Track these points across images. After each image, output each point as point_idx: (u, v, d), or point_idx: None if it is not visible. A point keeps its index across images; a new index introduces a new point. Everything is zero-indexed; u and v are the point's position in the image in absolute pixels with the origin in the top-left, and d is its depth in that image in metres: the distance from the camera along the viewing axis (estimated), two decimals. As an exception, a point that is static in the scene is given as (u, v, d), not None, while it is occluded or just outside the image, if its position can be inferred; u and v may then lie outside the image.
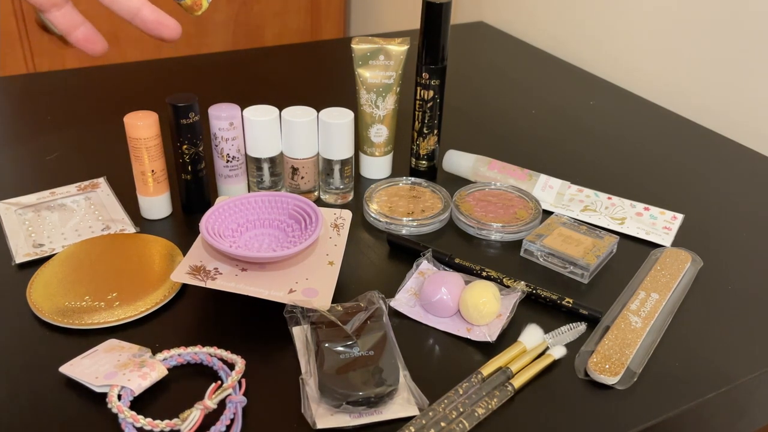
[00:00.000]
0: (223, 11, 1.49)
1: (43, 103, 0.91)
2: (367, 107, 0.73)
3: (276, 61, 1.11)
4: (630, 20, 1.02)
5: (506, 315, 0.54)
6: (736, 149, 0.86)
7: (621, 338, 0.53)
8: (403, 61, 0.71)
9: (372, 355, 0.49)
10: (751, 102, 0.88)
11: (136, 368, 0.47)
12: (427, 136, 0.73)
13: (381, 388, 0.46)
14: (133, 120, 0.62)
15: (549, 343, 0.52)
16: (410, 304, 0.56)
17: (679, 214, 0.70)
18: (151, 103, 0.69)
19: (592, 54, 1.10)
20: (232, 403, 0.45)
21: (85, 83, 0.99)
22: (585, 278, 0.60)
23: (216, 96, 0.72)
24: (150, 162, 0.64)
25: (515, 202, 0.70)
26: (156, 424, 0.44)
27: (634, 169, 0.80)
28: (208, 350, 0.50)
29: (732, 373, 0.51)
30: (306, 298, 0.52)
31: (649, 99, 0.98)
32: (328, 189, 0.71)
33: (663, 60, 0.98)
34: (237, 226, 0.60)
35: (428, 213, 0.67)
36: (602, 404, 0.48)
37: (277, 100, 0.70)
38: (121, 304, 0.54)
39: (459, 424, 0.45)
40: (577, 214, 0.70)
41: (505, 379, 0.49)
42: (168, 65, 1.10)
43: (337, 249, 0.59)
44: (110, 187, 0.71)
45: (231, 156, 0.67)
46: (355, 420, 0.46)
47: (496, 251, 0.65)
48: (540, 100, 0.98)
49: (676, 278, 0.60)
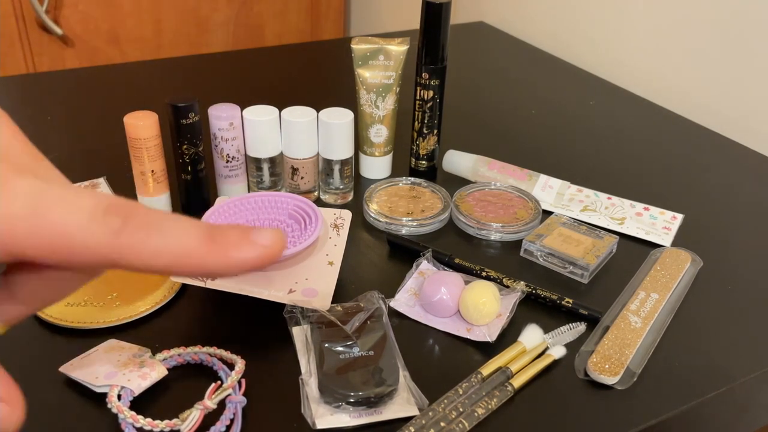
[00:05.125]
0: (223, 11, 1.49)
1: (43, 103, 0.91)
2: (366, 107, 0.73)
3: (276, 61, 1.11)
4: (630, 20, 1.02)
5: (506, 315, 0.54)
6: (736, 149, 0.86)
7: (621, 338, 0.53)
8: (402, 61, 0.71)
9: (372, 355, 0.49)
10: (751, 102, 0.88)
11: (136, 368, 0.47)
12: (427, 136, 0.73)
13: (381, 388, 0.46)
14: (133, 120, 0.62)
15: (549, 343, 0.52)
16: (410, 304, 0.56)
17: (679, 214, 0.70)
18: (151, 103, 0.69)
19: (592, 54, 1.10)
20: (231, 403, 0.45)
21: (85, 83, 0.99)
22: (585, 278, 0.60)
23: (216, 96, 0.72)
24: (150, 162, 0.64)
25: (515, 202, 0.70)
26: (156, 424, 0.44)
27: (633, 169, 0.80)
28: (208, 350, 0.50)
29: (732, 373, 0.51)
30: (306, 298, 0.52)
31: (649, 99, 0.98)
32: (328, 189, 0.71)
33: (663, 60, 0.98)
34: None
35: (428, 213, 0.67)
36: (602, 404, 0.48)
37: (277, 100, 0.70)
38: (121, 304, 0.54)
39: (459, 424, 0.45)
40: (577, 214, 0.70)
41: (505, 379, 0.49)
42: (168, 65, 1.10)
43: (337, 249, 0.59)
44: (110, 187, 0.71)
45: (231, 156, 0.67)
46: (355, 420, 0.46)
47: (495, 251, 0.65)
48: (540, 100, 0.98)
49: (675, 278, 0.60)
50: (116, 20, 1.39)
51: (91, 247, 0.20)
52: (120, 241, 0.20)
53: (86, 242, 0.20)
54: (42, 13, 1.30)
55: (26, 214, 0.20)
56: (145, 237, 0.20)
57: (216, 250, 0.21)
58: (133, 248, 0.20)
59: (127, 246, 0.20)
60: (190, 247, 0.20)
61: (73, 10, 1.35)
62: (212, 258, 0.20)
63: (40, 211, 0.20)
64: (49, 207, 0.20)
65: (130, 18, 1.40)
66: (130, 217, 0.20)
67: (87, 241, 0.20)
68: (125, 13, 1.39)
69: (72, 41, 1.38)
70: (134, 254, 0.20)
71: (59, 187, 0.20)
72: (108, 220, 0.20)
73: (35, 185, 0.20)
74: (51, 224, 0.20)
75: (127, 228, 0.20)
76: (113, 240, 0.20)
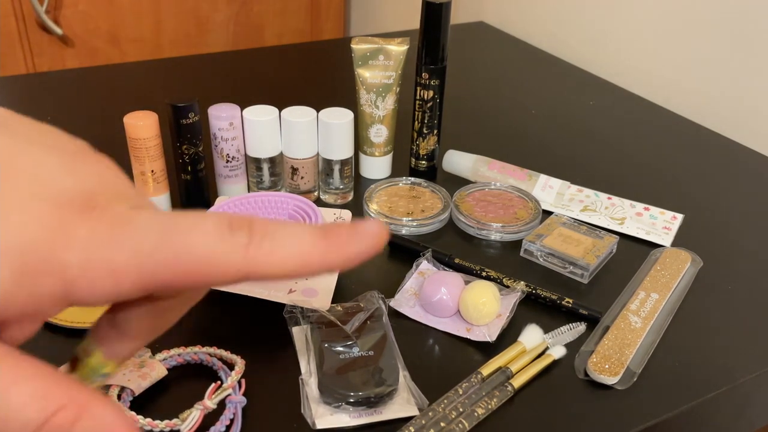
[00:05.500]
0: (223, 11, 1.49)
1: (43, 103, 0.91)
2: (366, 107, 0.73)
3: (276, 61, 1.11)
4: (630, 20, 1.02)
5: (506, 315, 0.54)
6: (736, 149, 0.86)
7: (621, 338, 0.53)
8: (402, 61, 0.71)
9: (372, 355, 0.49)
10: (751, 102, 0.88)
11: (135, 368, 0.47)
12: (427, 136, 0.73)
13: (381, 388, 0.46)
14: (133, 120, 0.62)
15: (549, 343, 0.52)
16: (410, 304, 0.56)
17: (679, 214, 0.70)
18: (151, 103, 0.69)
19: (592, 54, 1.09)
20: (231, 403, 0.45)
21: (85, 83, 0.99)
22: (585, 278, 0.60)
23: (216, 96, 0.72)
24: (150, 162, 0.64)
25: (515, 202, 0.70)
26: (156, 424, 0.44)
27: (634, 169, 0.80)
28: (208, 350, 0.50)
29: (732, 373, 0.51)
30: (306, 298, 0.52)
31: (649, 99, 0.98)
32: (328, 189, 0.71)
33: (663, 60, 0.98)
34: (237, 226, 0.59)
35: (428, 213, 0.67)
36: (602, 404, 0.48)
37: (277, 100, 0.70)
38: (121, 304, 0.54)
39: (459, 424, 0.45)
40: (577, 214, 0.70)
41: (505, 379, 0.49)
42: (168, 65, 1.10)
43: (337, 249, 0.59)
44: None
45: (231, 156, 0.67)
46: (355, 420, 0.46)
47: (495, 251, 0.65)
48: (540, 100, 0.98)
49: (676, 278, 0.60)
50: (116, 20, 1.39)
51: (224, 265, 0.21)
52: (249, 255, 0.21)
53: (220, 262, 0.21)
54: (42, 13, 1.30)
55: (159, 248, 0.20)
56: (271, 247, 0.21)
57: (333, 247, 0.22)
58: (262, 260, 0.21)
59: (256, 258, 0.21)
60: (311, 249, 0.21)
61: (73, 10, 1.35)
62: (332, 255, 0.22)
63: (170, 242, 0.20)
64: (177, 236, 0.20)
65: (130, 18, 1.40)
66: (253, 229, 0.21)
67: (220, 261, 0.21)
68: (125, 13, 1.39)
69: (72, 41, 1.38)
70: (265, 265, 0.21)
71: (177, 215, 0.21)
72: (235, 237, 0.21)
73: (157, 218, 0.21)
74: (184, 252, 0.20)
75: (253, 241, 0.21)
76: (244, 255, 0.21)
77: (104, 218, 0.20)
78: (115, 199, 0.21)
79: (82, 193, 0.21)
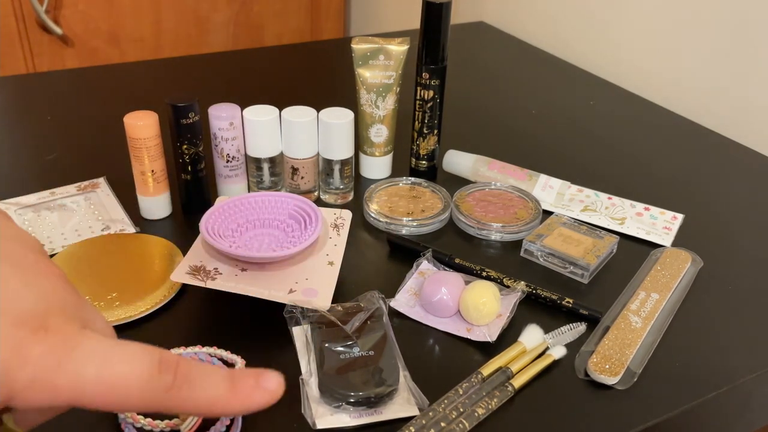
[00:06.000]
0: (223, 11, 1.49)
1: (43, 103, 0.91)
2: (367, 107, 0.73)
3: (276, 61, 1.11)
4: (630, 20, 1.02)
5: (506, 315, 0.54)
6: (736, 149, 0.86)
7: (621, 338, 0.53)
8: (403, 61, 0.71)
9: (372, 355, 0.49)
10: (751, 102, 0.88)
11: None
12: (427, 136, 0.73)
13: (381, 388, 0.46)
14: (133, 120, 0.62)
15: (549, 343, 0.52)
16: (410, 304, 0.56)
17: (679, 214, 0.70)
18: (151, 103, 0.69)
19: (592, 54, 1.10)
20: (232, 403, 0.45)
21: (85, 83, 0.99)
22: (585, 278, 0.60)
23: (216, 96, 0.72)
24: (150, 162, 0.64)
25: (515, 202, 0.70)
26: (156, 424, 0.44)
27: (634, 169, 0.80)
28: (208, 350, 0.50)
29: (732, 373, 0.51)
30: (306, 298, 0.52)
31: (649, 99, 0.98)
32: (328, 189, 0.71)
33: (663, 60, 0.98)
34: (237, 226, 0.60)
35: (428, 213, 0.67)
36: (602, 404, 0.48)
37: (277, 100, 0.70)
38: (121, 305, 0.54)
39: (459, 424, 0.45)
40: (577, 214, 0.70)
41: (505, 380, 0.49)
42: (168, 65, 1.10)
43: (337, 249, 0.59)
44: (110, 187, 0.71)
45: (231, 156, 0.67)
46: (355, 420, 0.46)
47: (496, 251, 0.65)
48: (540, 100, 0.98)
49: (676, 278, 0.60)
50: (116, 20, 1.39)
51: (148, 400, 0.25)
52: (169, 396, 0.25)
53: (145, 397, 0.24)
54: (42, 13, 1.30)
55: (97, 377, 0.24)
56: (188, 392, 0.25)
57: (237, 397, 0.27)
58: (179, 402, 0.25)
59: (174, 400, 0.25)
60: (219, 397, 0.26)
61: (73, 10, 1.35)
62: (235, 404, 0.27)
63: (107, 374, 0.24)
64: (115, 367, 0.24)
65: (129, 18, 1.40)
66: (177, 373, 0.25)
67: (145, 396, 0.24)
68: (125, 13, 1.39)
69: (72, 41, 1.38)
70: (178, 406, 0.25)
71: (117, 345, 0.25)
72: (163, 378, 0.25)
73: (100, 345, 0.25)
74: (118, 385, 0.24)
75: (176, 384, 0.25)
76: (164, 395, 0.25)
77: (55, 341, 0.24)
78: (65, 320, 0.25)
79: (38, 314, 0.24)
